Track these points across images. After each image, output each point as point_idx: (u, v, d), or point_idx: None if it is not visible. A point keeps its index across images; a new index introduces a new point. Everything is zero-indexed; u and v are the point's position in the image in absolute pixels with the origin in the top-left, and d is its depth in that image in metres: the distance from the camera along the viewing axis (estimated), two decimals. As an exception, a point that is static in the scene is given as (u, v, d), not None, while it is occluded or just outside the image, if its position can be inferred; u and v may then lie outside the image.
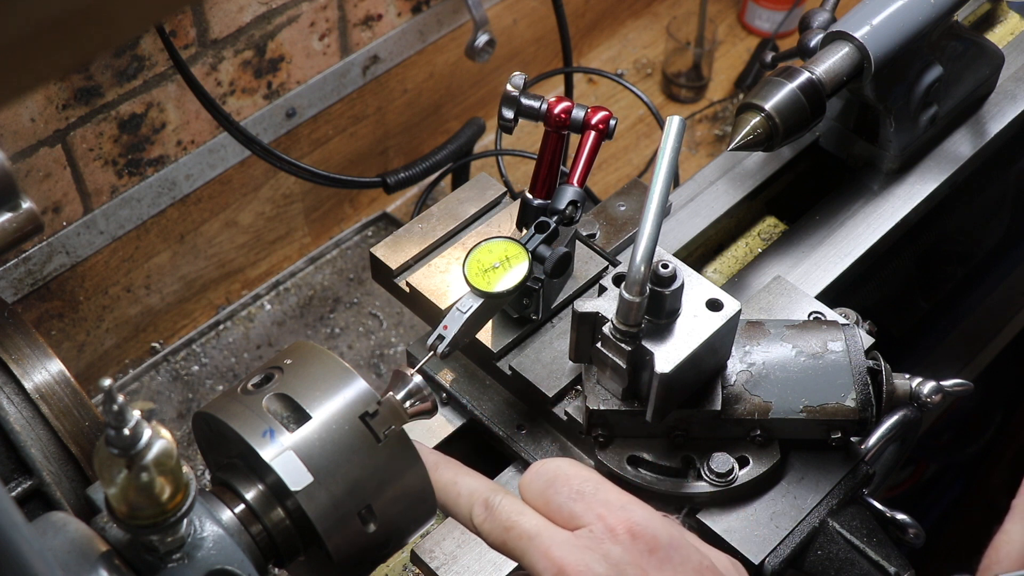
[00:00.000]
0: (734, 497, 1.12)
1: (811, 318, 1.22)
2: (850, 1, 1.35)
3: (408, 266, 1.25)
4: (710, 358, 1.09)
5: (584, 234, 1.30)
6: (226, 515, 0.91)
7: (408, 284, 1.23)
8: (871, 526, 1.14)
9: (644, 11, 2.60)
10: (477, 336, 1.17)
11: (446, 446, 1.23)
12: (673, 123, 0.98)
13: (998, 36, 1.66)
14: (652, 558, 0.82)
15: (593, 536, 0.83)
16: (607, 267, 1.26)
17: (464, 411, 1.23)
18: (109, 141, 1.74)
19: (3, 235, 0.95)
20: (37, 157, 1.66)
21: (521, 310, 1.20)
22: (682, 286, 1.04)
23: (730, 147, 1.28)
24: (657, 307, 1.04)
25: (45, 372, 1.12)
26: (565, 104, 1.16)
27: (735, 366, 1.13)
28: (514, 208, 1.25)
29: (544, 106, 1.16)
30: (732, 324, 1.08)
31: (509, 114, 1.16)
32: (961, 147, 1.50)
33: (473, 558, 1.10)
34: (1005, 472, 2.23)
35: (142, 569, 0.85)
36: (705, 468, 1.11)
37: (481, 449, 1.24)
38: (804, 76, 1.28)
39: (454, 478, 0.92)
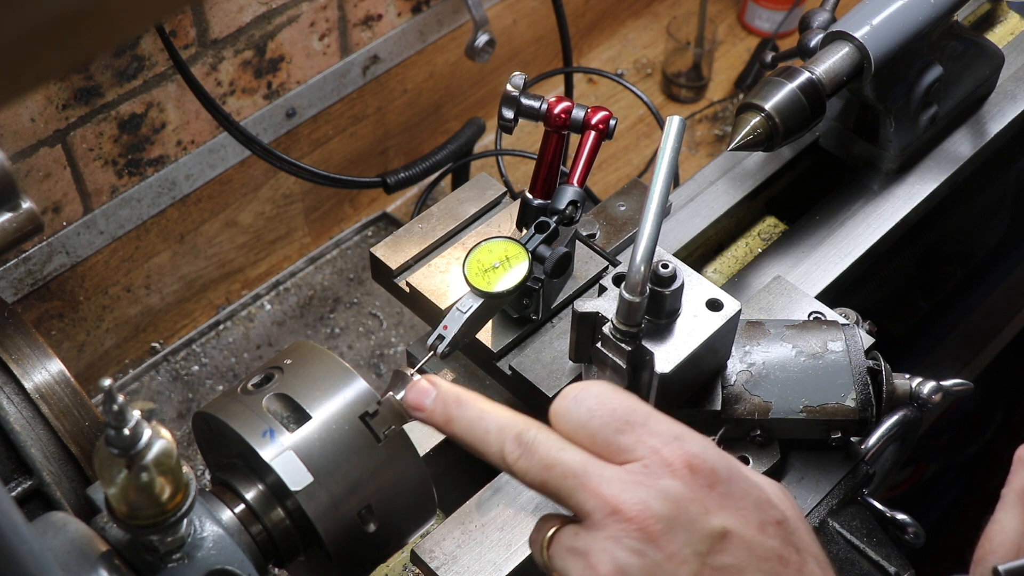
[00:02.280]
0: (734, 497, 1.12)
1: (811, 318, 1.22)
2: (850, 1, 1.35)
3: (408, 266, 1.25)
4: (710, 358, 1.09)
5: (584, 234, 1.30)
6: (226, 515, 0.91)
7: (408, 284, 1.23)
8: (871, 526, 1.14)
9: (644, 11, 2.60)
10: (477, 336, 1.17)
11: (446, 446, 1.22)
12: (673, 123, 0.98)
13: (998, 36, 1.66)
14: (713, 493, 0.76)
15: (648, 471, 0.75)
16: (607, 267, 1.26)
17: (464, 411, 1.23)
18: (109, 141, 1.74)
19: (3, 235, 0.95)
20: (37, 157, 1.66)
21: (521, 310, 1.20)
22: (682, 286, 1.04)
23: (730, 147, 1.28)
24: (657, 307, 1.04)
25: (45, 372, 1.12)
26: (565, 104, 1.16)
27: (735, 366, 1.13)
28: (514, 208, 1.25)
29: (544, 106, 1.16)
30: (732, 324, 1.08)
31: (509, 114, 1.16)
32: (961, 147, 1.50)
33: (473, 558, 1.10)
34: (1005, 472, 2.23)
35: (142, 569, 0.85)
36: (705, 468, 1.11)
37: (466, 448, 1.24)
38: (804, 76, 1.28)
39: (480, 413, 0.82)
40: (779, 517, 0.79)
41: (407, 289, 1.23)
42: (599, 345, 1.06)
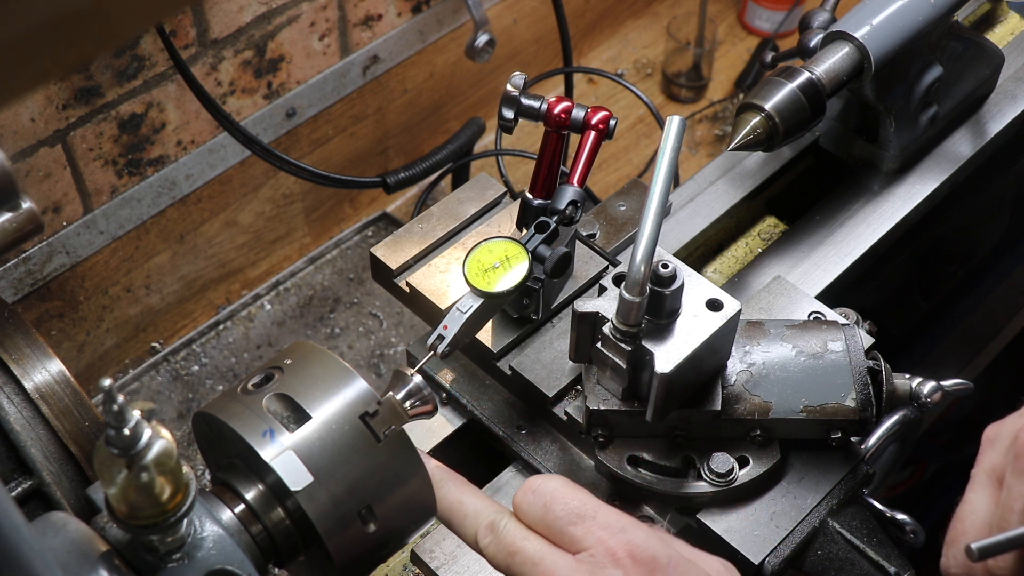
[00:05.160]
0: (734, 497, 1.12)
1: (811, 318, 1.22)
2: (850, 1, 1.35)
3: (408, 266, 1.25)
4: (710, 358, 1.09)
5: (584, 234, 1.30)
6: (226, 515, 0.91)
7: (408, 284, 1.23)
8: (871, 526, 1.14)
9: (644, 11, 2.60)
10: (477, 336, 1.17)
11: (446, 446, 1.23)
12: (673, 123, 0.98)
13: (998, 36, 1.66)
14: None
15: (595, 560, 0.85)
16: (607, 267, 1.26)
17: (464, 411, 1.23)
18: (109, 141, 1.74)
19: (3, 235, 0.95)
20: (37, 157, 1.66)
21: (521, 310, 1.20)
22: (682, 286, 1.04)
23: (730, 147, 1.28)
24: (657, 307, 1.04)
25: (45, 372, 1.12)
26: (565, 104, 1.16)
27: (735, 366, 1.13)
28: (514, 208, 1.25)
29: (544, 106, 1.16)
30: (732, 324, 1.08)
31: (509, 114, 1.16)
32: (961, 147, 1.50)
33: (473, 558, 1.10)
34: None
35: (142, 569, 0.85)
36: (705, 468, 1.11)
37: (481, 449, 1.24)
38: (804, 76, 1.28)
39: (460, 497, 0.93)
40: None
41: (407, 289, 1.23)
42: (599, 345, 1.06)
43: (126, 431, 0.77)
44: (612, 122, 1.16)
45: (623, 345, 1.03)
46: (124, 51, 1.67)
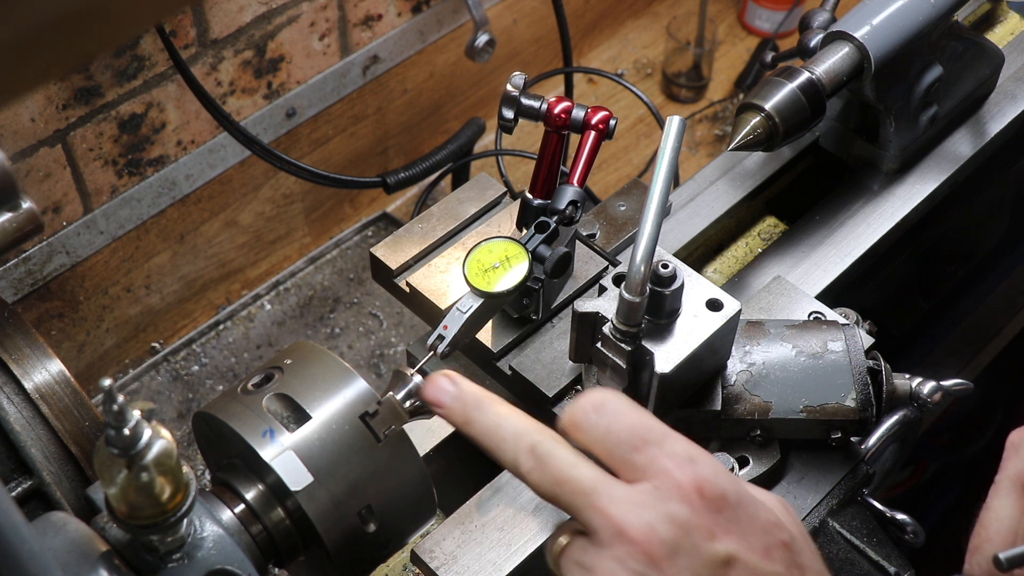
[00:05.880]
0: (734, 497, 1.12)
1: (811, 318, 1.22)
2: (850, 1, 1.35)
3: (408, 266, 1.25)
4: (710, 358, 1.09)
5: (584, 234, 1.30)
6: (226, 515, 0.91)
7: (408, 284, 1.23)
8: (871, 526, 1.14)
9: (644, 11, 2.60)
10: (477, 336, 1.17)
11: (446, 446, 1.22)
12: (673, 123, 0.98)
13: (998, 36, 1.66)
14: (720, 517, 0.76)
15: (658, 492, 0.76)
16: (607, 267, 1.26)
17: (464, 411, 1.23)
18: (109, 141, 1.74)
19: (3, 235, 0.95)
20: (37, 157, 1.66)
21: (521, 310, 1.20)
22: (682, 286, 1.04)
23: (730, 147, 1.28)
24: (657, 307, 1.04)
25: (45, 372, 1.12)
26: (565, 104, 1.16)
27: (735, 366, 1.13)
28: (514, 208, 1.25)
29: (544, 106, 1.16)
30: (732, 324, 1.08)
31: (509, 114, 1.16)
32: (961, 147, 1.50)
33: (473, 558, 1.10)
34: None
35: (142, 569, 0.85)
36: (705, 468, 1.11)
37: (480, 449, 1.24)
38: (804, 76, 1.28)
39: (496, 419, 0.83)
40: (785, 539, 0.79)
41: (407, 289, 1.23)
42: (599, 345, 1.06)
43: (126, 431, 0.77)
44: (612, 122, 1.16)
45: (623, 345, 1.03)
46: (124, 51, 1.67)
